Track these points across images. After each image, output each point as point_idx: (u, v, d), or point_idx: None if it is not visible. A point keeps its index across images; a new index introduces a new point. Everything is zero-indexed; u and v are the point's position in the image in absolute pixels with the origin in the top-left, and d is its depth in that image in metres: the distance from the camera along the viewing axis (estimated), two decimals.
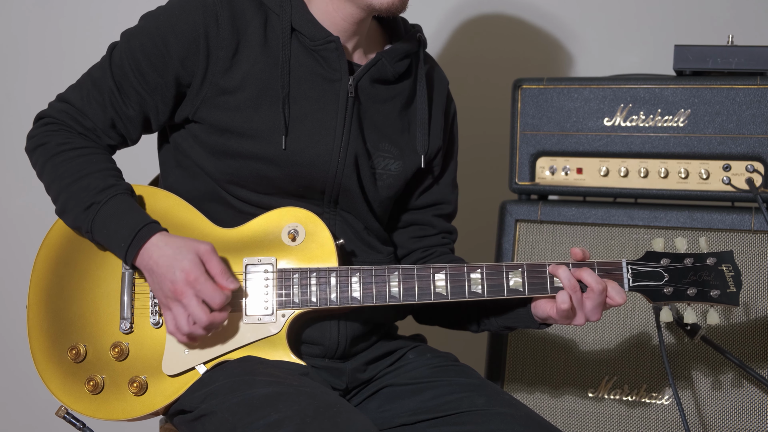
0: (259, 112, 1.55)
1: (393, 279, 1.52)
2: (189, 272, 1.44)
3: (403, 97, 1.68)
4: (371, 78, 1.62)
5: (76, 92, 1.60)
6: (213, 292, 1.45)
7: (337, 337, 1.58)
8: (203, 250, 1.47)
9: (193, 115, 1.57)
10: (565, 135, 1.99)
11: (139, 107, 1.58)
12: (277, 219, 1.56)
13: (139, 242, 1.48)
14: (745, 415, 1.84)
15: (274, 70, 1.56)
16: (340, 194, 1.61)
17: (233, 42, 1.54)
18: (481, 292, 1.53)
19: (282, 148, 1.54)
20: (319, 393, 1.43)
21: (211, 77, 1.54)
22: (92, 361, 1.54)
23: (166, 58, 1.54)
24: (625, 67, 2.38)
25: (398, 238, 1.77)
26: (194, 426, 1.49)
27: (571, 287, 1.49)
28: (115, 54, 1.58)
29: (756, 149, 1.86)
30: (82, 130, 1.58)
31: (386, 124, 1.65)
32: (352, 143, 1.60)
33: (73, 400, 1.54)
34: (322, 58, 1.58)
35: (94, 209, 1.50)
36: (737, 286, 1.52)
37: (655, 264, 1.54)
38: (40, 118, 1.62)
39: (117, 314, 1.55)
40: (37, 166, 1.59)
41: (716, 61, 1.92)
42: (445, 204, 1.79)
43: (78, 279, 1.57)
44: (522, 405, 1.56)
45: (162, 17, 1.56)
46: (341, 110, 1.58)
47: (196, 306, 1.44)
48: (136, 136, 1.63)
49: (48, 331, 1.56)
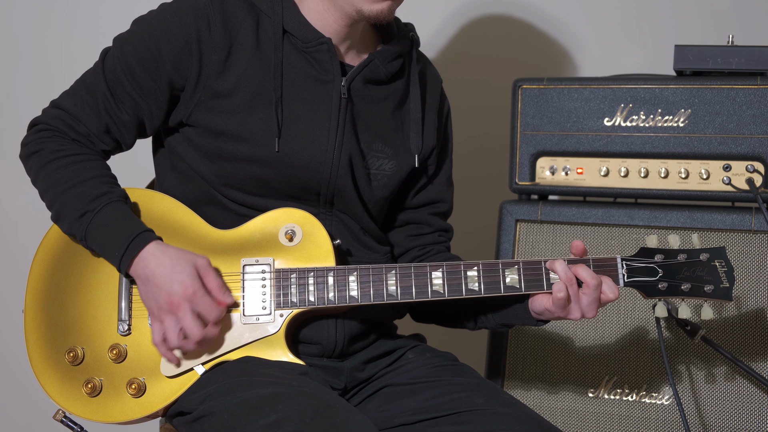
0: (253, 114, 1.55)
1: (390, 278, 1.53)
2: (188, 286, 1.45)
3: (396, 97, 1.68)
4: (364, 79, 1.62)
5: (70, 98, 1.60)
6: (210, 307, 1.46)
7: (335, 336, 1.58)
8: (201, 263, 1.48)
9: (188, 119, 1.58)
10: (566, 135, 1.99)
11: (133, 112, 1.58)
12: (274, 220, 1.56)
13: (133, 251, 1.48)
14: (746, 416, 1.84)
15: (266, 73, 1.56)
16: (335, 195, 1.61)
17: (225, 45, 1.54)
18: (478, 290, 1.54)
19: (275, 151, 1.55)
20: (318, 393, 1.43)
21: (205, 81, 1.55)
22: (90, 364, 1.53)
23: (159, 63, 1.55)
24: (626, 67, 2.38)
25: (394, 237, 1.77)
26: (193, 427, 1.49)
27: (568, 280, 1.51)
28: (108, 59, 1.58)
29: (756, 149, 1.86)
30: (76, 136, 1.58)
31: (380, 124, 1.66)
32: (346, 144, 1.60)
33: (71, 403, 1.53)
34: (314, 59, 1.58)
35: (88, 217, 1.50)
36: (730, 281, 1.54)
37: (649, 260, 1.55)
38: (34, 124, 1.62)
39: (114, 316, 1.54)
40: (31, 173, 1.59)
41: (716, 61, 1.92)
42: (441, 202, 1.79)
43: (75, 282, 1.57)
44: (522, 405, 1.56)
45: (154, 22, 1.57)
46: (334, 111, 1.59)
47: (191, 320, 1.44)
48: (131, 141, 1.63)
49: (45, 334, 1.55)
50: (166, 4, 1.59)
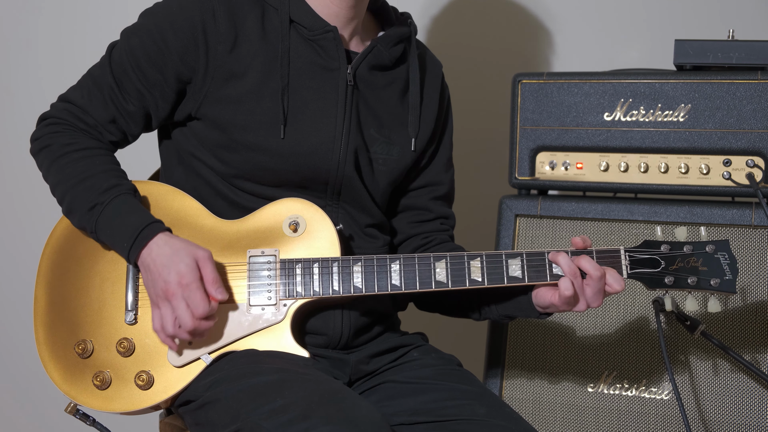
0: (261, 104, 1.57)
1: (394, 268, 1.54)
2: (183, 276, 1.45)
3: (401, 82, 1.70)
4: (369, 65, 1.64)
5: (77, 92, 1.62)
6: (200, 301, 1.45)
7: (341, 326, 1.59)
8: (201, 255, 1.48)
9: (196, 112, 1.59)
10: (565, 130, 1.99)
11: (139, 103, 1.60)
12: (278, 211, 1.58)
13: (141, 242, 1.49)
14: (745, 411, 1.84)
15: (273, 62, 1.58)
16: (343, 183, 1.62)
17: (231, 36, 1.56)
18: (482, 280, 1.54)
19: (281, 138, 1.56)
20: (324, 380, 1.44)
21: (213, 72, 1.56)
22: (99, 357, 1.54)
23: (165, 55, 1.56)
24: (626, 62, 2.38)
25: (397, 224, 1.78)
26: (198, 414, 1.49)
27: (572, 273, 1.51)
28: (115, 52, 1.61)
29: (756, 144, 1.86)
30: (84, 127, 1.60)
31: (386, 110, 1.68)
32: (353, 131, 1.62)
33: (80, 394, 1.54)
34: (320, 47, 1.60)
35: (98, 210, 1.51)
36: (733, 274, 1.54)
37: (653, 251, 1.56)
38: (44, 119, 1.63)
39: (122, 307, 1.55)
40: (42, 168, 1.61)
41: (717, 56, 1.91)
42: (440, 185, 1.80)
43: (83, 274, 1.58)
44: (522, 420, 1.56)
45: (160, 14, 1.58)
46: (341, 99, 1.60)
47: (184, 310, 1.45)
48: (137, 132, 1.65)
49: (54, 327, 1.56)
50: None
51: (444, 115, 1.81)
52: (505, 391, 1.99)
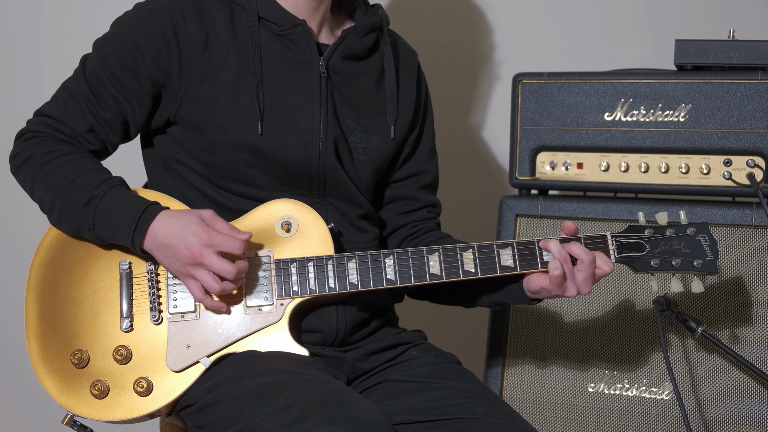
0: (238, 102, 1.58)
1: (389, 263, 1.56)
2: (200, 234, 1.46)
3: (376, 71, 1.72)
4: (341, 55, 1.66)
5: (53, 105, 1.63)
6: (231, 241, 1.47)
7: (336, 323, 1.60)
8: (206, 214, 1.51)
9: (175, 116, 1.60)
10: (566, 130, 1.99)
11: (116, 110, 1.61)
12: (269, 212, 1.59)
13: (144, 224, 1.49)
14: (745, 410, 1.84)
15: (246, 60, 1.60)
16: (327, 176, 1.63)
17: (202, 36, 1.58)
18: (475, 271, 1.57)
19: (259, 134, 1.57)
20: (325, 380, 1.45)
21: (187, 74, 1.57)
22: (96, 366, 1.54)
23: (139, 60, 1.58)
24: (626, 62, 2.38)
25: (385, 215, 1.79)
26: (199, 417, 1.49)
27: (562, 257, 1.54)
28: (88, 62, 1.62)
29: (757, 144, 1.86)
30: (63, 137, 1.60)
31: (362, 99, 1.69)
32: (331, 121, 1.63)
33: (79, 405, 1.52)
34: (290, 42, 1.62)
35: (94, 204, 1.51)
36: (714, 255, 1.58)
37: (639, 235, 1.60)
38: (21, 135, 1.64)
39: (117, 315, 1.55)
40: (27, 183, 1.60)
41: (717, 56, 1.91)
42: (425, 173, 1.81)
43: (75, 284, 1.57)
44: (521, 418, 1.56)
45: (131, 20, 1.60)
46: (316, 91, 1.62)
47: (218, 261, 1.46)
48: (116, 141, 1.65)
49: (47, 339, 1.55)
50: (141, 3, 1.62)
51: (423, 102, 1.82)
52: (505, 390, 2.00)
